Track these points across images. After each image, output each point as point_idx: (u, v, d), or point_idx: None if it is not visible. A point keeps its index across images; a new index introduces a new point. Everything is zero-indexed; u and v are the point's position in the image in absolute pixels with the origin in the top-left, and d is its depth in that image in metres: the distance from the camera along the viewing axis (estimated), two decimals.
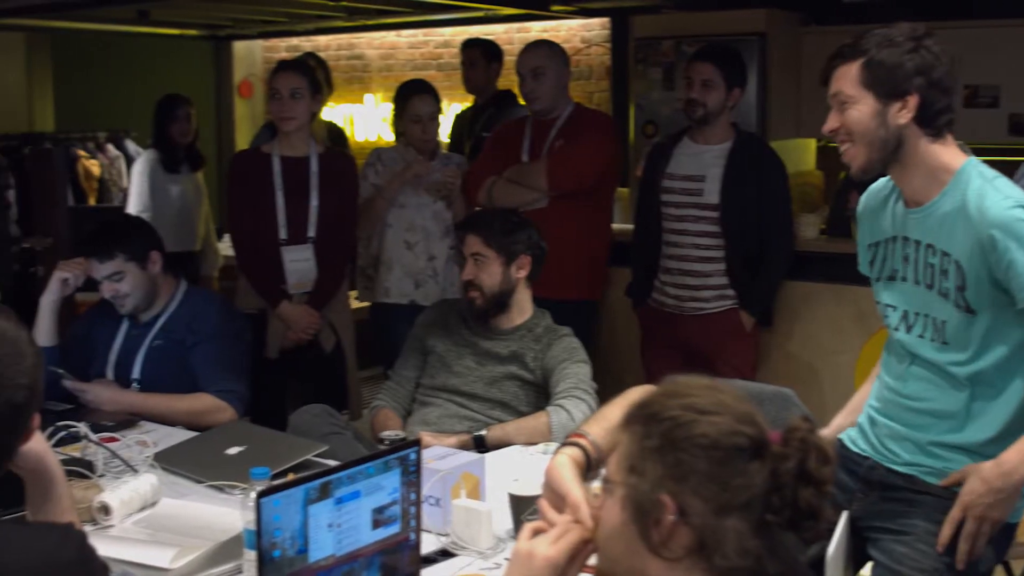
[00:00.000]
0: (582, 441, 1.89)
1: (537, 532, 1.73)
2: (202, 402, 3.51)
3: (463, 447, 3.01)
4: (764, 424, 1.58)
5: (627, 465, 1.59)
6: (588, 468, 1.85)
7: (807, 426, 1.57)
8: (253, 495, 2.02)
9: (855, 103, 2.36)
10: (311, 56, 6.20)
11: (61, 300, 3.71)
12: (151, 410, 3.47)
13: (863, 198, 2.64)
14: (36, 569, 1.64)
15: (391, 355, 3.97)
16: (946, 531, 2.36)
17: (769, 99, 5.42)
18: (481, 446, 3.16)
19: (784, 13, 5.51)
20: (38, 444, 1.93)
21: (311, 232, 4.30)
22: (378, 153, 4.83)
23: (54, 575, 1.65)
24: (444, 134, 5.76)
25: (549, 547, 1.68)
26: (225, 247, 6.08)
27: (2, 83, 7.64)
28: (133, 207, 6.02)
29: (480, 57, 5.98)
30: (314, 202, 4.31)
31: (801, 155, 5.84)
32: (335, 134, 6.19)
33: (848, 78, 2.37)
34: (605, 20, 7.13)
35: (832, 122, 2.42)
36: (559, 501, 1.78)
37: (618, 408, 1.82)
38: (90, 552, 1.74)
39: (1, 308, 1.78)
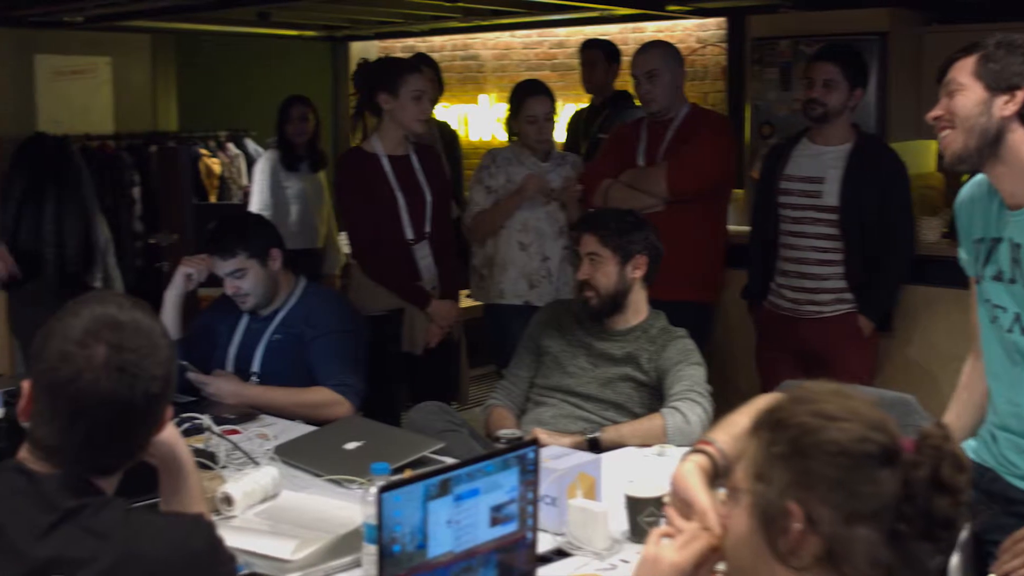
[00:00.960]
0: (709, 448, 1.86)
1: (665, 537, 1.72)
2: (320, 396, 3.56)
3: (577, 448, 3.00)
4: (896, 431, 1.54)
5: (754, 472, 1.57)
6: (715, 475, 1.83)
7: (941, 432, 1.54)
8: (373, 490, 2.05)
9: (963, 90, 2.36)
10: (420, 56, 6.26)
11: (185, 294, 3.81)
12: (270, 403, 3.54)
13: (966, 187, 2.58)
14: (167, 557, 1.69)
15: (505, 355, 4.00)
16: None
17: (889, 100, 5.32)
18: (595, 447, 3.16)
19: (907, 12, 5.40)
20: (171, 434, 1.97)
21: (427, 228, 4.35)
22: (492, 155, 4.85)
23: (185, 564, 1.70)
24: (559, 134, 5.77)
25: (676, 553, 1.67)
26: (346, 245, 6.16)
27: (128, 83, 7.83)
28: (254, 205, 6.15)
29: (602, 58, 6.01)
30: (429, 198, 4.36)
31: (922, 157, 5.71)
32: (448, 135, 6.24)
33: (963, 68, 2.38)
34: (721, 20, 7.07)
35: (937, 109, 2.43)
36: (686, 508, 1.77)
37: (745, 415, 1.79)
38: (219, 542, 1.78)
39: (136, 301, 1.82)
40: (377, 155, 4.33)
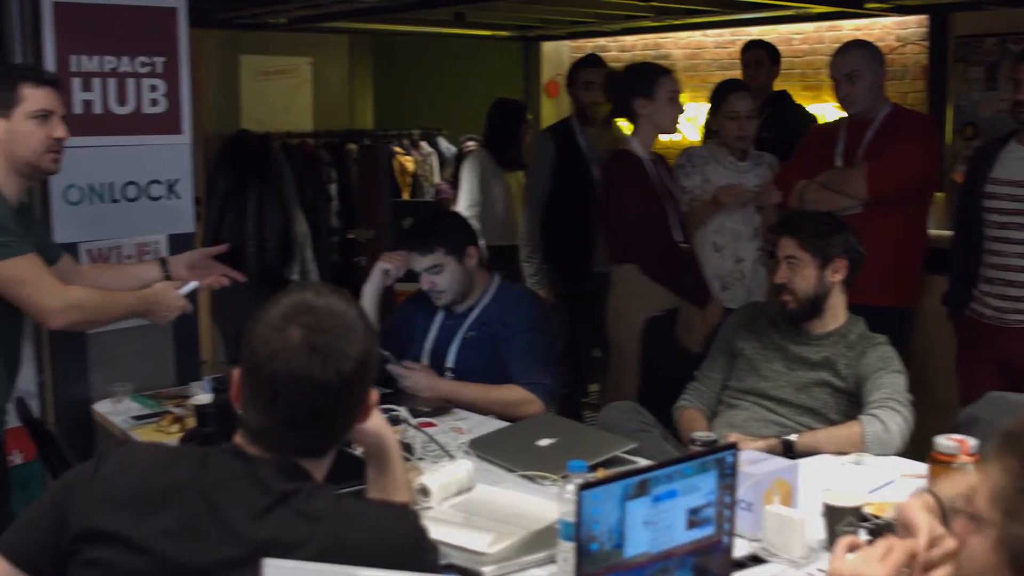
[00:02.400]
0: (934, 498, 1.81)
1: (854, 549, 1.67)
2: (512, 394, 3.60)
3: (770, 451, 2.96)
4: None
5: (1003, 507, 1.42)
6: (943, 518, 1.75)
7: None
8: (571, 488, 2.06)
9: None
10: (591, 57, 6.26)
11: (382, 289, 3.90)
12: (464, 398, 3.60)
13: None
14: (376, 545, 1.73)
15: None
16: None
17: None
18: (789, 450, 3.11)
19: None
20: (379, 423, 2.02)
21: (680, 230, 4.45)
22: (688, 154, 4.83)
23: (392, 551, 1.73)
24: None
25: (876, 565, 1.62)
26: None
27: (327, 83, 8.07)
28: (463, 202, 6.23)
29: (766, 58, 6.00)
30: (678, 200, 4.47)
31: None
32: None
33: None
34: (922, 17, 6.84)
35: None
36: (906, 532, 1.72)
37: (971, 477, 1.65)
38: (424, 532, 1.81)
39: (335, 288, 1.87)
40: (641, 158, 4.37)
